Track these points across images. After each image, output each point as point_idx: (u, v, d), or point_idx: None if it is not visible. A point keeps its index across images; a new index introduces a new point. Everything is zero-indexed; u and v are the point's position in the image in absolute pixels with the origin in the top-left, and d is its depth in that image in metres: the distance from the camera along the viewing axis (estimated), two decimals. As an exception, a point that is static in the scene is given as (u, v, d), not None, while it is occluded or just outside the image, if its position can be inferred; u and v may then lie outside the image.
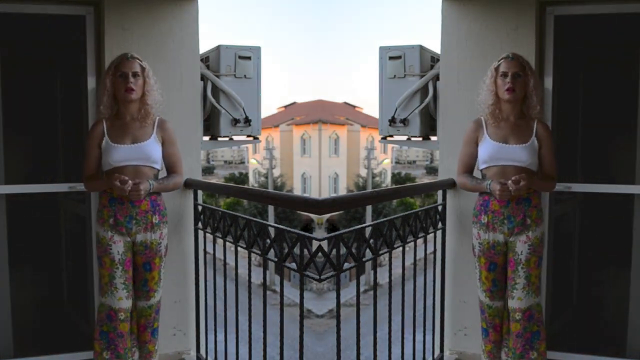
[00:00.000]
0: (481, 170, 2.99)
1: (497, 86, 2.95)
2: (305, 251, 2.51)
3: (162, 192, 3.04)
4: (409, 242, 2.91)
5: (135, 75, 2.92)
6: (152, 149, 2.95)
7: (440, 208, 3.30)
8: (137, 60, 2.95)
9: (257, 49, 3.90)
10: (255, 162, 29.34)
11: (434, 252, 3.37)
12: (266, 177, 25.81)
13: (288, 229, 2.58)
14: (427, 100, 3.79)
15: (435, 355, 3.43)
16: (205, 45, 3.77)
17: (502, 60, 2.94)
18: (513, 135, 2.93)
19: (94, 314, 3.52)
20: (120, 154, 2.90)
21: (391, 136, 3.99)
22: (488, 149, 2.94)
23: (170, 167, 3.09)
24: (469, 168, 3.08)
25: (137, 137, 2.95)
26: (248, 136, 3.93)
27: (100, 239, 2.93)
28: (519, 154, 2.89)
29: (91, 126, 3.01)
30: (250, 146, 27.27)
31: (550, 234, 3.48)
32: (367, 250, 2.63)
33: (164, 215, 3.02)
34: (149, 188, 2.93)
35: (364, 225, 2.73)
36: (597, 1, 3.31)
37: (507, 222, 2.91)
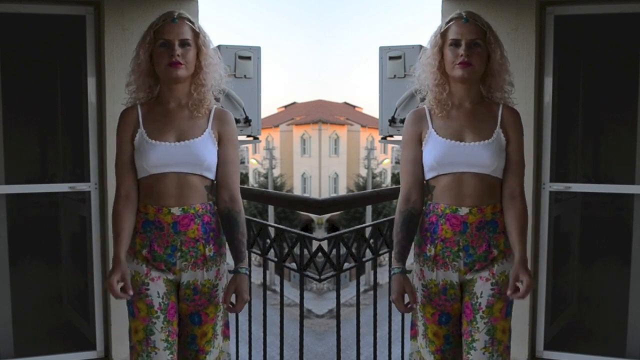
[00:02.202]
0: (427, 182, 2.06)
1: (444, 59, 2.02)
2: (305, 251, 2.52)
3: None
4: (409, 242, 2.90)
5: (184, 43, 1.99)
6: (205, 150, 2.02)
7: (440, 208, 3.29)
8: (188, 23, 2.02)
9: (257, 49, 3.90)
10: (255, 162, 29.36)
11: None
12: (266, 177, 25.83)
13: (288, 229, 2.59)
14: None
15: (435, 355, 3.42)
16: (205, 45, 3.78)
17: (451, 23, 2.01)
18: (470, 128, 2.01)
19: (94, 314, 3.53)
20: (160, 156, 1.99)
21: (391, 136, 3.99)
22: (435, 150, 2.01)
23: (223, 179, 2.07)
24: (415, 182, 2.07)
25: (185, 131, 2.02)
26: (248, 136, 3.94)
27: (132, 275, 2.01)
28: (479, 156, 1.98)
29: (121, 114, 2.08)
30: (250, 146, 27.28)
31: (550, 234, 3.47)
32: (367, 250, 2.63)
33: (221, 245, 2.08)
34: (249, 280, 2.10)
35: (364, 225, 2.74)
36: (597, 1, 3.31)
37: (463, 254, 2.00)
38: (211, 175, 2.04)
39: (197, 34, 2.03)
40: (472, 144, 2.00)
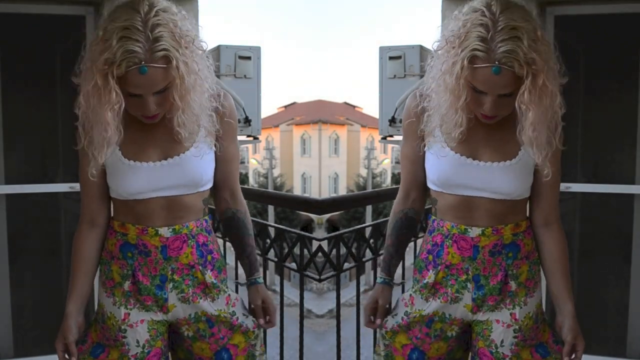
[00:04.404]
0: (429, 190, 1.68)
1: (466, 94, 1.45)
2: (305, 251, 2.52)
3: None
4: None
5: (159, 91, 1.44)
6: (202, 163, 1.58)
7: (440, 208, 3.29)
8: (160, 65, 1.40)
9: (257, 49, 3.91)
10: (255, 162, 29.37)
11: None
12: (266, 177, 25.82)
13: (288, 229, 2.59)
14: (427, 100, 3.80)
15: (435, 355, 3.42)
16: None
17: (480, 65, 1.39)
18: (488, 142, 1.56)
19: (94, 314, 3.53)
20: (143, 181, 1.55)
21: (391, 136, 4.00)
22: (438, 166, 1.58)
23: (224, 179, 1.68)
24: (415, 182, 1.69)
25: (173, 144, 1.55)
26: (248, 136, 3.94)
27: (105, 318, 1.63)
28: (497, 180, 1.54)
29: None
30: (250, 146, 27.33)
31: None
32: (367, 250, 2.63)
33: (220, 270, 1.67)
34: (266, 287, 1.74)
35: (364, 225, 2.74)
36: (597, 1, 3.31)
37: (471, 285, 1.59)
38: (210, 186, 1.64)
39: (171, 61, 1.40)
40: (488, 165, 1.54)
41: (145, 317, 1.59)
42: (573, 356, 1.66)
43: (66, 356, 1.67)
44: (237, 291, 2.25)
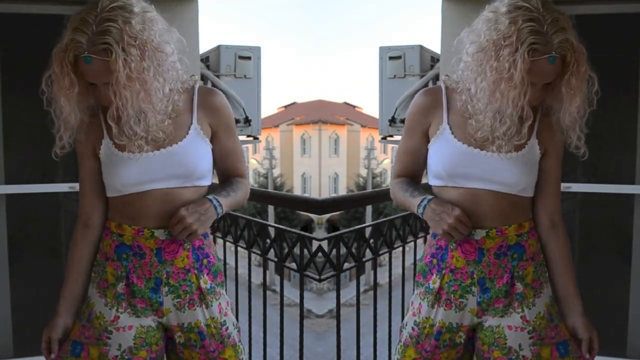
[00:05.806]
0: (431, 188, 1.65)
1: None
2: (305, 251, 2.51)
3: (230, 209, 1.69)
4: (409, 242, 2.91)
5: (109, 83, 1.45)
6: (195, 154, 1.57)
7: (440, 208, 3.29)
8: (102, 58, 1.43)
9: (257, 49, 3.91)
10: (255, 162, 29.36)
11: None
12: (266, 177, 25.82)
13: (288, 229, 2.59)
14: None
15: (435, 355, 3.42)
16: (205, 45, 3.78)
17: (538, 57, 1.43)
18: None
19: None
20: (136, 172, 1.54)
21: (391, 136, 4.01)
22: (445, 155, 1.57)
23: (228, 171, 1.70)
24: (409, 171, 1.71)
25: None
26: (248, 136, 3.95)
27: (93, 317, 1.61)
28: (502, 171, 1.55)
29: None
30: (250, 146, 27.33)
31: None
32: (367, 250, 2.63)
33: (217, 274, 1.64)
34: (215, 213, 1.57)
35: (364, 225, 2.74)
36: (597, 1, 3.31)
37: (476, 289, 1.58)
38: (207, 182, 1.61)
39: (110, 55, 1.42)
40: (494, 155, 1.53)
41: (134, 324, 1.58)
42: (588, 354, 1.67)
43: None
44: (237, 292, 2.27)
